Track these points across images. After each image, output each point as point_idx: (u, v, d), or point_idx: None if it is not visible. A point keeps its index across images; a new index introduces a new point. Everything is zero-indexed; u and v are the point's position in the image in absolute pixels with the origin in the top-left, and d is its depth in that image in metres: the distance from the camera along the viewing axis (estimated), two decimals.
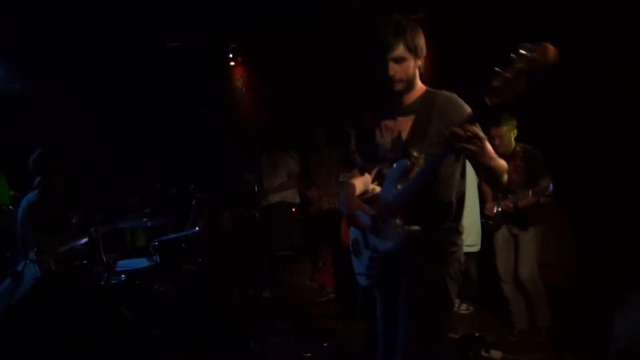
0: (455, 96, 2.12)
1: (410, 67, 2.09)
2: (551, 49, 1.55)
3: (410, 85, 2.14)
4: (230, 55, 6.35)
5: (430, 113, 2.09)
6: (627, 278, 3.47)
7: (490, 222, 3.96)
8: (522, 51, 1.57)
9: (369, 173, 2.46)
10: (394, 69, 2.07)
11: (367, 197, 2.29)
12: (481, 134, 1.80)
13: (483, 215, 3.93)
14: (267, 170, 5.35)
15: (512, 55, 1.59)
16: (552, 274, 3.98)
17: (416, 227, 2.03)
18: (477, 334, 3.67)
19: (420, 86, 2.18)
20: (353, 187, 2.33)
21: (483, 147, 1.82)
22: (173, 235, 4.07)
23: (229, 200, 5.37)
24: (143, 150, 5.81)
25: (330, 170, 5.42)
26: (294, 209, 5.42)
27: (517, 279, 3.91)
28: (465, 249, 2.85)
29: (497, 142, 3.83)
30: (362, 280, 2.34)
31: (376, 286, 2.30)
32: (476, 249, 3.79)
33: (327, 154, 5.43)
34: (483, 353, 3.57)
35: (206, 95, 5.73)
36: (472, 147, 1.80)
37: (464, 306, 4.60)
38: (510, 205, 3.81)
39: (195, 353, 3.51)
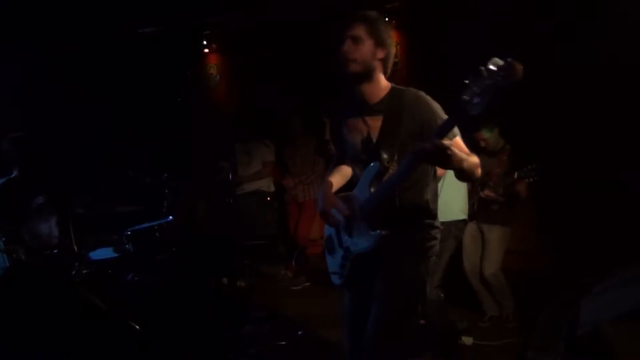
0: (422, 94, 2.12)
1: (366, 51, 2.08)
2: (519, 68, 1.55)
3: (367, 74, 2.11)
4: (205, 42, 6.26)
5: (399, 113, 2.08)
6: (593, 265, 3.56)
7: None
8: (490, 67, 1.57)
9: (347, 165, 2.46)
10: (348, 45, 2.08)
11: (342, 195, 2.28)
12: (447, 144, 1.80)
13: None
14: (241, 159, 5.32)
15: (481, 68, 1.59)
16: (521, 261, 4.07)
17: (386, 232, 2.04)
18: (449, 320, 3.72)
19: (385, 84, 2.17)
20: (330, 184, 2.32)
21: (450, 157, 1.81)
22: (146, 225, 4.02)
23: (203, 188, 5.34)
24: (115, 137, 5.73)
25: (306, 159, 5.43)
26: (268, 198, 5.41)
27: (481, 273, 4.00)
28: (453, 217, 2.91)
29: (482, 144, 3.93)
30: (335, 279, 2.35)
31: (346, 285, 2.30)
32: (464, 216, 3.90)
33: (302, 142, 5.43)
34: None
35: (179, 82, 5.64)
36: (441, 159, 1.81)
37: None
38: (491, 194, 3.86)
39: (170, 342, 3.49)
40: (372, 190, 2.08)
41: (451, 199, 3.01)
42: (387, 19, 5.35)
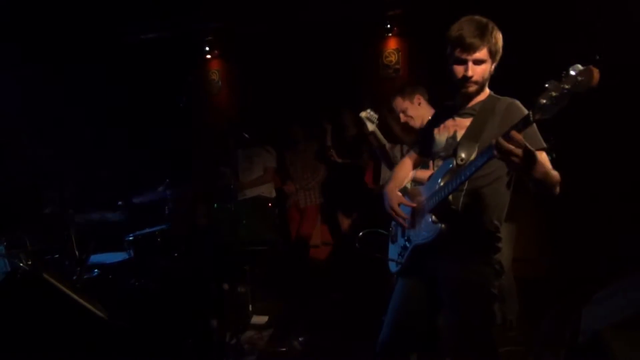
0: (516, 102, 2.13)
1: (487, 71, 2.11)
2: (596, 73, 1.55)
3: (482, 88, 2.17)
4: (207, 48, 6.29)
5: (487, 118, 2.11)
6: (594, 273, 3.56)
7: None
8: (571, 72, 1.58)
9: (415, 167, 2.55)
10: (473, 70, 2.08)
11: (412, 189, 2.39)
12: (526, 148, 1.74)
13: None
14: (243, 165, 5.32)
15: (562, 73, 1.59)
16: (522, 268, 4.06)
17: (446, 226, 2.09)
18: None
19: (486, 90, 2.21)
20: (396, 181, 2.43)
21: (528, 162, 1.75)
22: (147, 230, 4.03)
23: (204, 194, 5.34)
24: (117, 143, 5.74)
25: (306, 165, 5.43)
26: (270, 204, 5.40)
27: None
28: None
29: None
30: (392, 266, 2.42)
31: (402, 274, 2.36)
32: None
33: (304, 148, 5.44)
34: None
35: (182, 88, 5.67)
36: (514, 160, 1.75)
37: None
38: None
39: (171, 348, 3.48)
40: (441, 184, 2.13)
41: None
42: (388, 26, 5.41)
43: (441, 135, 2.27)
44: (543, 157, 2.00)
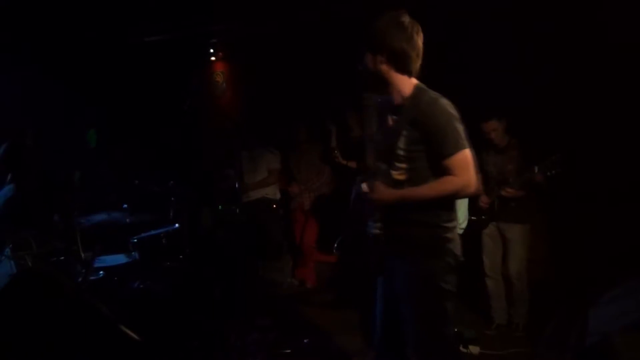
0: (438, 100, 2.10)
1: (374, 62, 2.15)
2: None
3: (380, 81, 2.17)
4: (211, 50, 6.30)
5: (408, 117, 2.10)
6: (601, 274, 3.54)
7: (483, 217, 3.99)
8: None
9: None
10: (364, 61, 2.19)
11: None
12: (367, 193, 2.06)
13: (475, 211, 3.96)
14: (247, 166, 5.33)
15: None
16: (528, 270, 4.04)
17: (379, 225, 2.17)
18: (455, 330, 3.71)
19: (409, 85, 2.16)
20: None
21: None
22: (152, 232, 4.04)
23: (209, 196, 5.34)
24: (122, 145, 5.75)
25: (311, 166, 5.43)
26: (274, 205, 5.41)
27: (505, 274, 3.98)
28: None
29: (492, 135, 3.88)
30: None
31: (377, 273, 2.36)
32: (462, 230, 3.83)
33: (308, 150, 5.44)
34: (461, 348, 3.62)
35: (186, 90, 5.66)
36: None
37: None
38: (512, 191, 3.80)
39: (176, 350, 3.48)
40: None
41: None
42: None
43: (381, 134, 2.29)
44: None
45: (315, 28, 5.30)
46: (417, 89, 2.15)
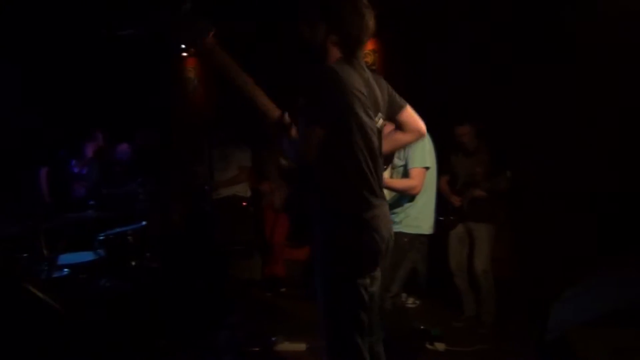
0: (318, 69, 2.05)
1: (317, 34, 2.10)
2: None
3: (316, 54, 2.12)
4: (183, 46, 6.22)
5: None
6: (562, 271, 3.63)
7: (452, 217, 4.09)
8: None
9: None
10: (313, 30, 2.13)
11: None
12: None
13: (444, 211, 4.05)
14: (218, 164, 5.27)
15: None
16: (493, 268, 4.12)
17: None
18: (422, 327, 3.75)
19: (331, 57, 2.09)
20: None
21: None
22: (119, 229, 3.97)
23: (178, 193, 5.29)
24: (91, 140, 5.65)
25: (282, 165, 5.42)
26: (244, 203, 5.38)
27: (471, 272, 4.08)
28: (422, 232, 3.00)
29: (464, 139, 4.01)
30: None
31: None
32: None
33: (278, 147, 5.41)
34: (428, 345, 3.67)
35: (157, 85, 5.61)
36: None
37: (410, 300, 4.71)
38: (482, 193, 3.98)
39: (142, 349, 3.44)
40: None
41: (423, 215, 3.11)
42: None
43: None
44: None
45: (288, 25, 5.30)
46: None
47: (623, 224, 3.76)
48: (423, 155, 3.01)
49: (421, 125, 2.28)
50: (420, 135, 2.32)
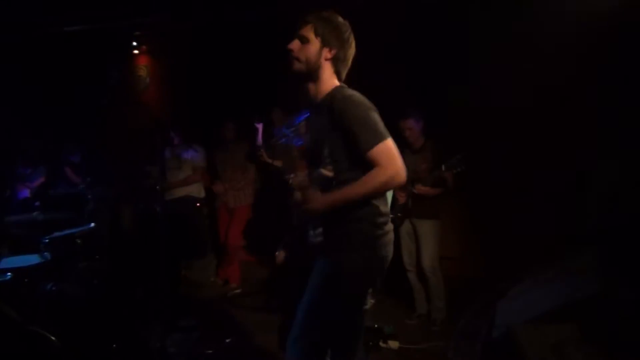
0: (351, 94, 2.09)
1: (311, 52, 2.12)
2: None
3: (312, 74, 2.14)
4: (135, 43, 6.09)
5: (326, 113, 2.09)
6: (508, 270, 3.74)
7: (399, 214, 4.15)
8: None
9: None
10: (296, 44, 2.14)
11: None
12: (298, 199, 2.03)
13: (392, 208, 4.08)
14: (171, 164, 5.19)
15: None
16: (443, 266, 4.22)
17: (319, 238, 2.16)
18: (375, 326, 3.80)
19: (331, 83, 2.16)
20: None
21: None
22: (66, 231, 3.84)
23: (129, 194, 5.16)
24: (36, 139, 5.45)
25: (237, 165, 5.38)
26: (198, 204, 5.31)
27: (420, 267, 4.16)
28: None
29: (407, 133, 4.05)
30: None
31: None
32: None
33: (234, 148, 5.38)
34: (381, 344, 3.71)
35: (106, 83, 5.44)
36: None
37: None
38: (423, 189, 4.01)
39: (92, 353, 3.35)
40: None
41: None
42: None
43: (306, 136, 2.38)
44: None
45: (243, 24, 5.26)
46: (335, 88, 2.16)
47: (575, 221, 3.89)
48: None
49: None
50: None
